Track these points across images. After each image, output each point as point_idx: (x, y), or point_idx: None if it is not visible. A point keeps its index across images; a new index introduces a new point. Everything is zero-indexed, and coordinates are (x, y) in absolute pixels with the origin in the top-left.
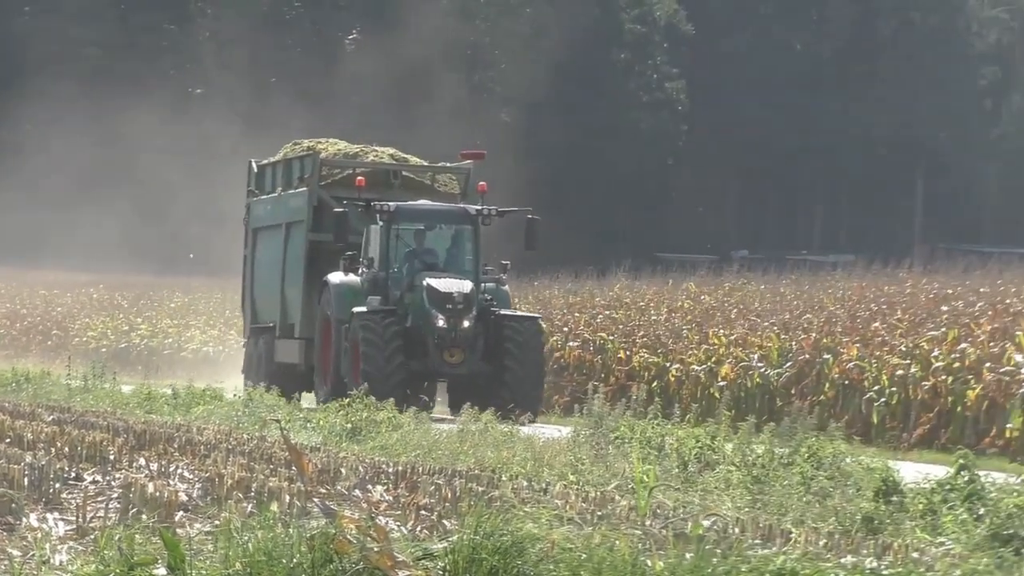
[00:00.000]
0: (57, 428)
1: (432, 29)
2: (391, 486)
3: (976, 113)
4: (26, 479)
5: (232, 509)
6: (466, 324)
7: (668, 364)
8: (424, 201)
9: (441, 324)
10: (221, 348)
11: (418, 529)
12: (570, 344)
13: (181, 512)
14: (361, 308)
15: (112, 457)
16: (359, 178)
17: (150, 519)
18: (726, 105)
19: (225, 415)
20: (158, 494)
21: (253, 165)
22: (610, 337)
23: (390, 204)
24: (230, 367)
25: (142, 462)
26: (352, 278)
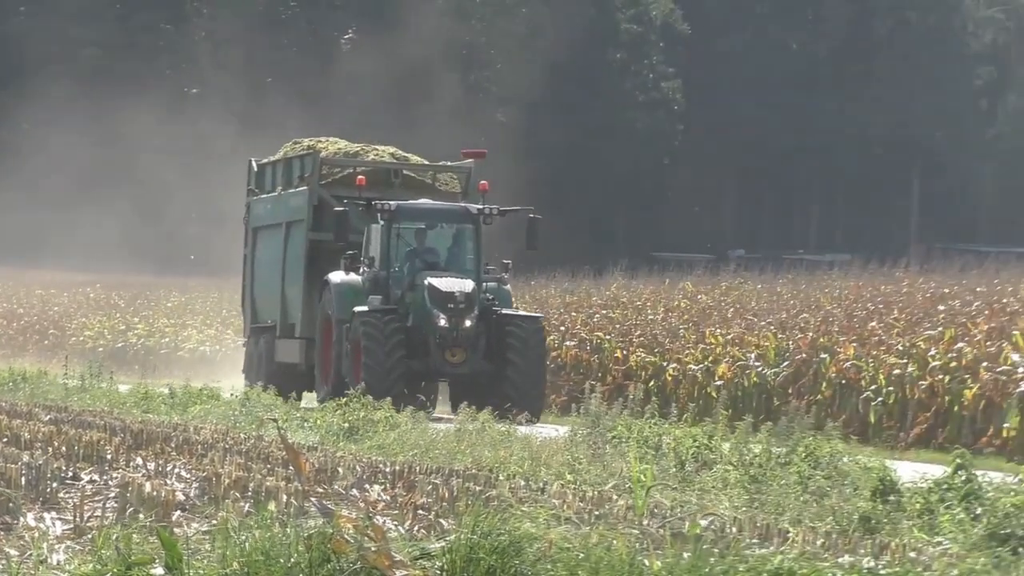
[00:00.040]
0: (54, 427)
1: (428, 29)
2: (388, 485)
3: (972, 113)
4: (23, 479)
5: (229, 508)
6: (468, 324)
7: (665, 363)
8: (425, 200)
9: (443, 324)
10: (218, 348)
11: (415, 529)
12: (567, 344)
13: (178, 511)
14: (362, 308)
15: (109, 456)
16: (360, 177)
17: (147, 518)
18: (722, 105)
19: (222, 414)
20: (155, 493)
21: (253, 164)
22: (607, 336)
23: (391, 203)
24: (227, 366)
25: (139, 461)
26: (353, 277)
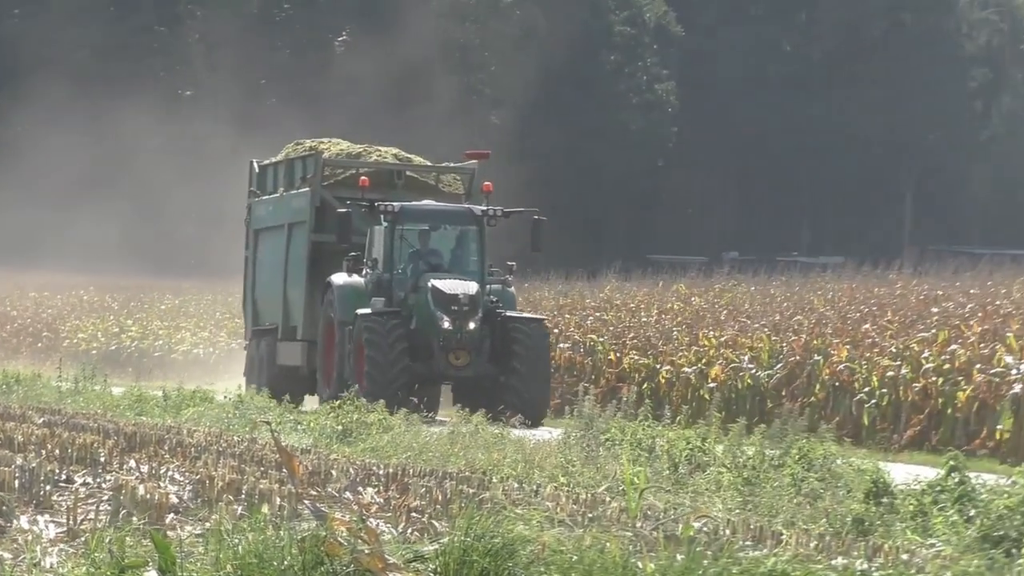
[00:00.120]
0: (48, 430)
1: (422, 31)
2: (382, 488)
3: (966, 115)
4: (17, 481)
5: (223, 511)
6: (471, 326)
7: (658, 366)
8: (429, 201)
9: (446, 326)
10: (211, 350)
11: (409, 531)
12: (560, 346)
13: (172, 514)
14: (365, 310)
15: (103, 459)
16: (363, 178)
17: (141, 521)
18: (716, 107)
19: (216, 417)
20: (149, 496)
21: (254, 165)
22: (600, 339)
23: (394, 204)
24: (221, 369)
25: (133, 464)
26: (356, 279)
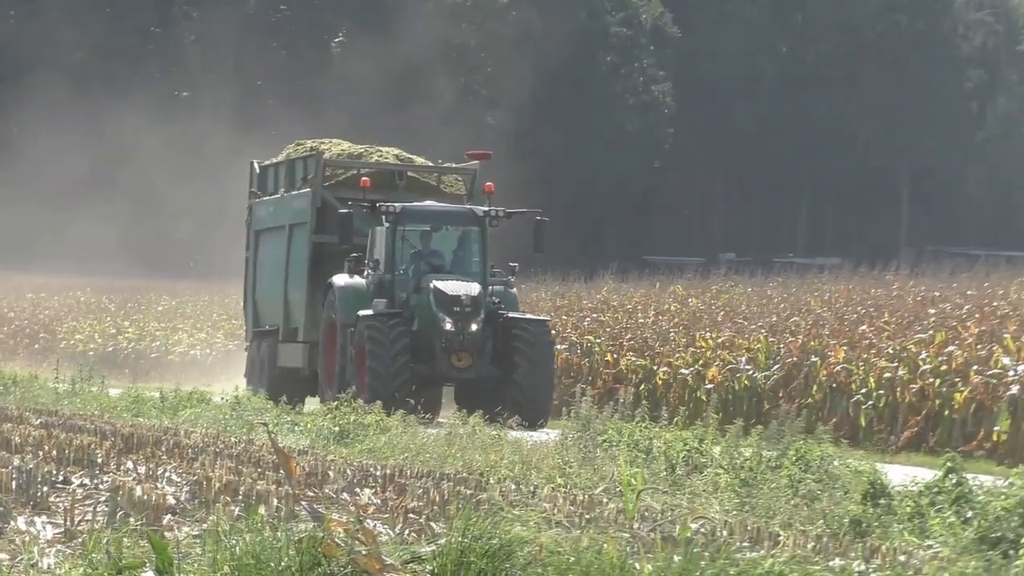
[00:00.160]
0: (45, 431)
1: (418, 32)
2: (379, 489)
3: (962, 116)
4: (14, 482)
5: (220, 512)
6: (474, 327)
7: (655, 367)
8: (430, 202)
9: (448, 327)
10: (208, 351)
11: (406, 532)
12: (558, 347)
13: (169, 515)
14: (367, 311)
15: (100, 460)
16: (364, 179)
17: (138, 522)
18: (712, 108)
19: (213, 418)
20: (146, 497)
21: (255, 166)
22: (597, 340)
23: (396, 205)
24: (218, 370)
25: (130, 465)
26: (357, 280)
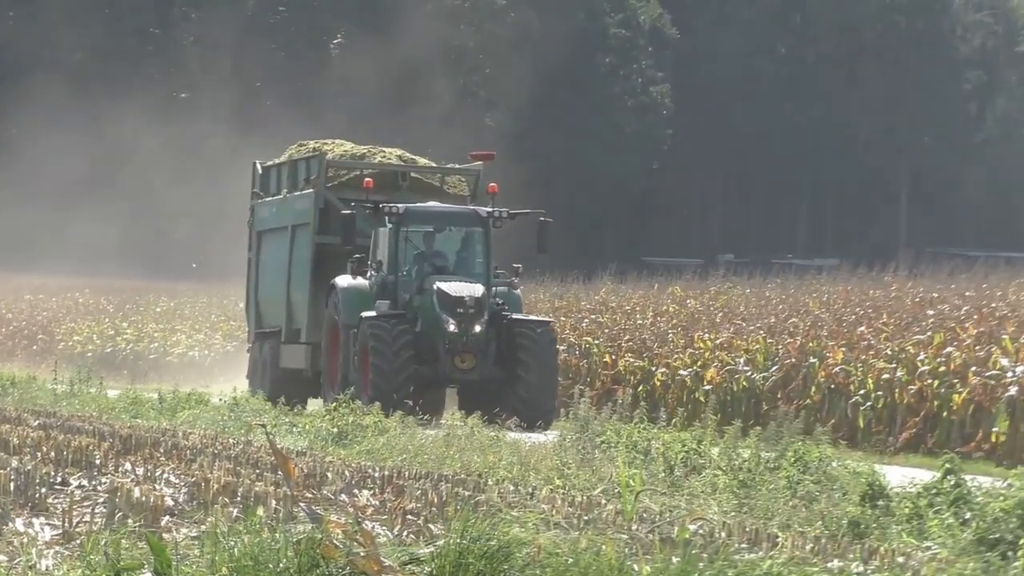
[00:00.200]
0: (43, 433)
1: (417, 33)
2: (377, 490)
3: (961, 117)
4: (12, 484)
5: (218, 514)
6: (477, 329)
7: (654, 368)
8: (434, 203)
9: (452, 329)
10: (207, 352)
11: (404, 534)
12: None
13: (167, 517)
14: (370, 313)
15: (98, 462)
16: (367, 179)
17: (136, 524)
18: (711, 109)
19: (211, 420)
20: (144, 499)
21: (258, 167)
22: (596, 341)
23: (399, 206)
24: (216, 371)
25: (128, 467)
26: (360, 282)
